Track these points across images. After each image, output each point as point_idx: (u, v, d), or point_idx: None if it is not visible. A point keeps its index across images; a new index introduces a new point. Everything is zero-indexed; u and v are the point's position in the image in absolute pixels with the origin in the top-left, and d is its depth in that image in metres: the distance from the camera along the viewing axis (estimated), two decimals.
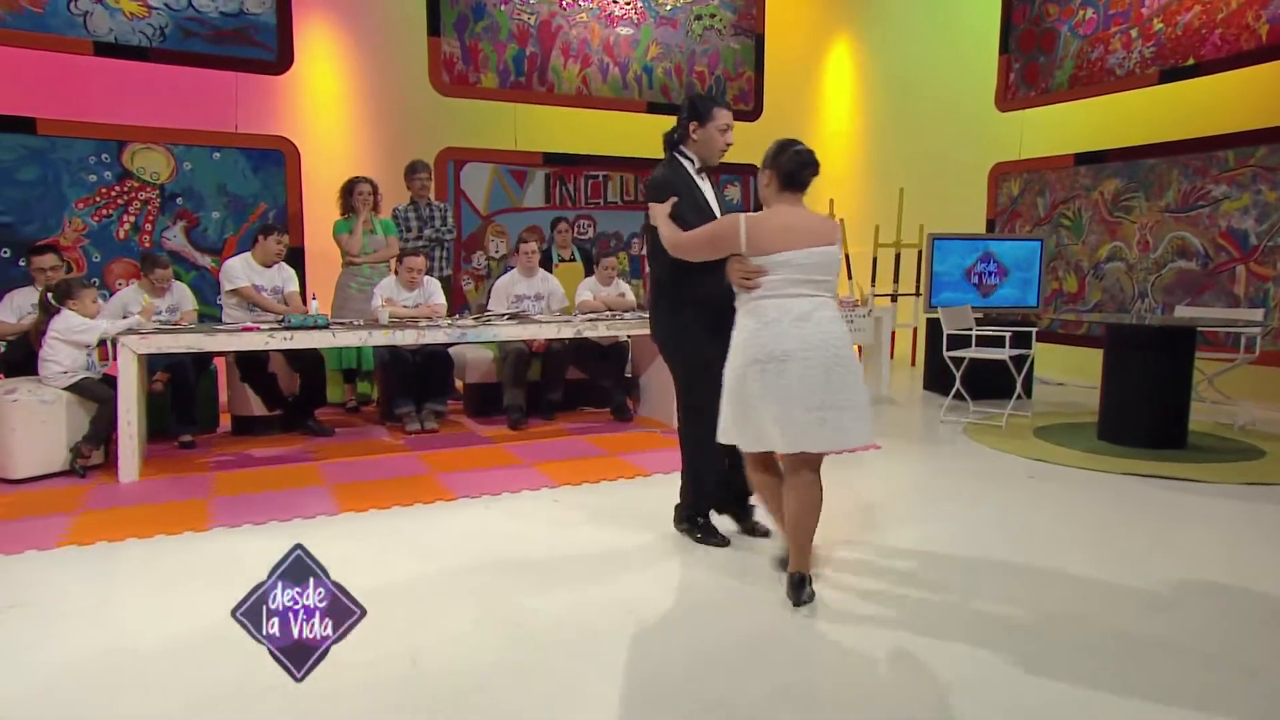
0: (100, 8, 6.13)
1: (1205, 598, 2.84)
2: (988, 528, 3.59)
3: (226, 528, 3.50)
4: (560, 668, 2.31)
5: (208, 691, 2.17)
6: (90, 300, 4.47)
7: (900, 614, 2.68)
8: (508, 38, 7.40)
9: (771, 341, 2.61)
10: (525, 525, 3.59)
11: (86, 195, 6.24)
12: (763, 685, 2.21)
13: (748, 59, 8.41)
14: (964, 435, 5.44)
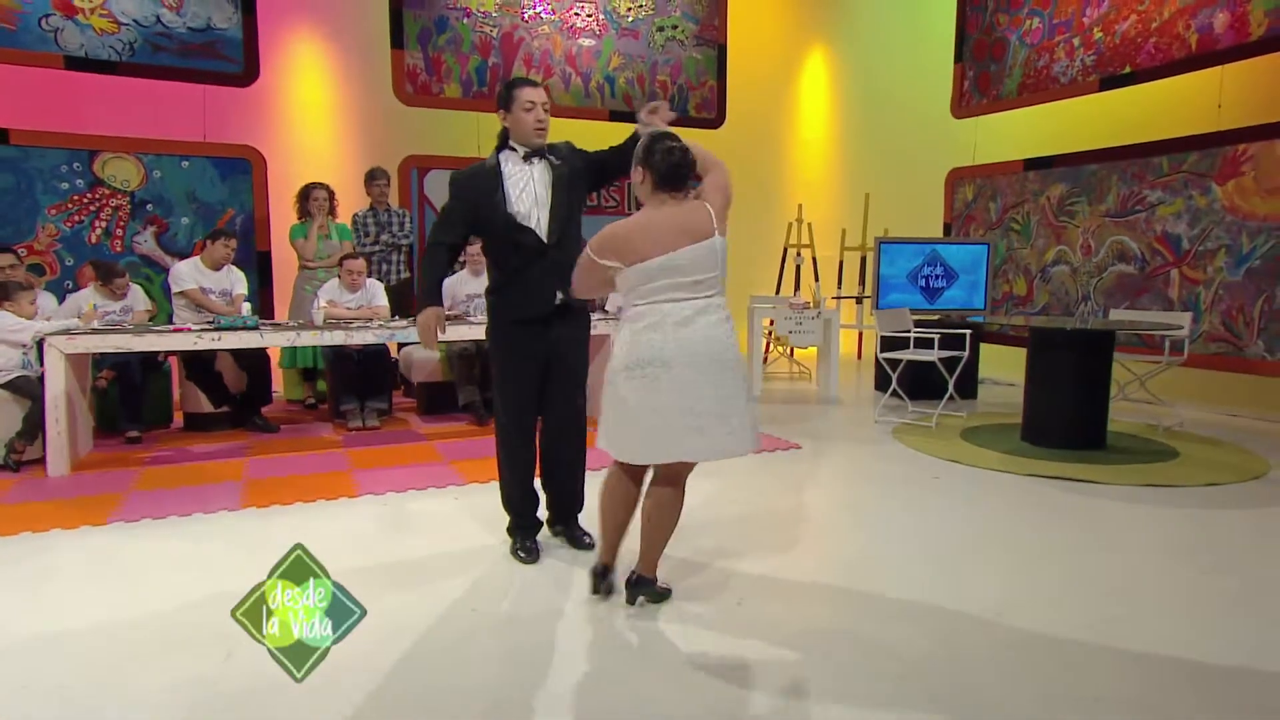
0: (71, 24, 6.14)
1: (1034, 608, 2.71)
2: (857, 529, 3.47)
3: (125, 522, 3.46)
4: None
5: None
6: (27, 302, 4.46)
7: (716, 620, 2.58)
8: (470, 49, 7.34)
9: (648, 348, 2.36)
10: (404, 525, 3.52)
11: (59, 202, 6.26)
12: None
13: (710, 68, 8.29)
14: (892, 436, 5.30)
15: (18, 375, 4.36)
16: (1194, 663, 2.28)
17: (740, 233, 8.94)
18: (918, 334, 5.68)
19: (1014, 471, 4.38)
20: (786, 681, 2.17)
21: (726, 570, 2.94)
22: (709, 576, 2.90)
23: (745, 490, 4.02)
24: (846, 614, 2.61)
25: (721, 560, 3.04)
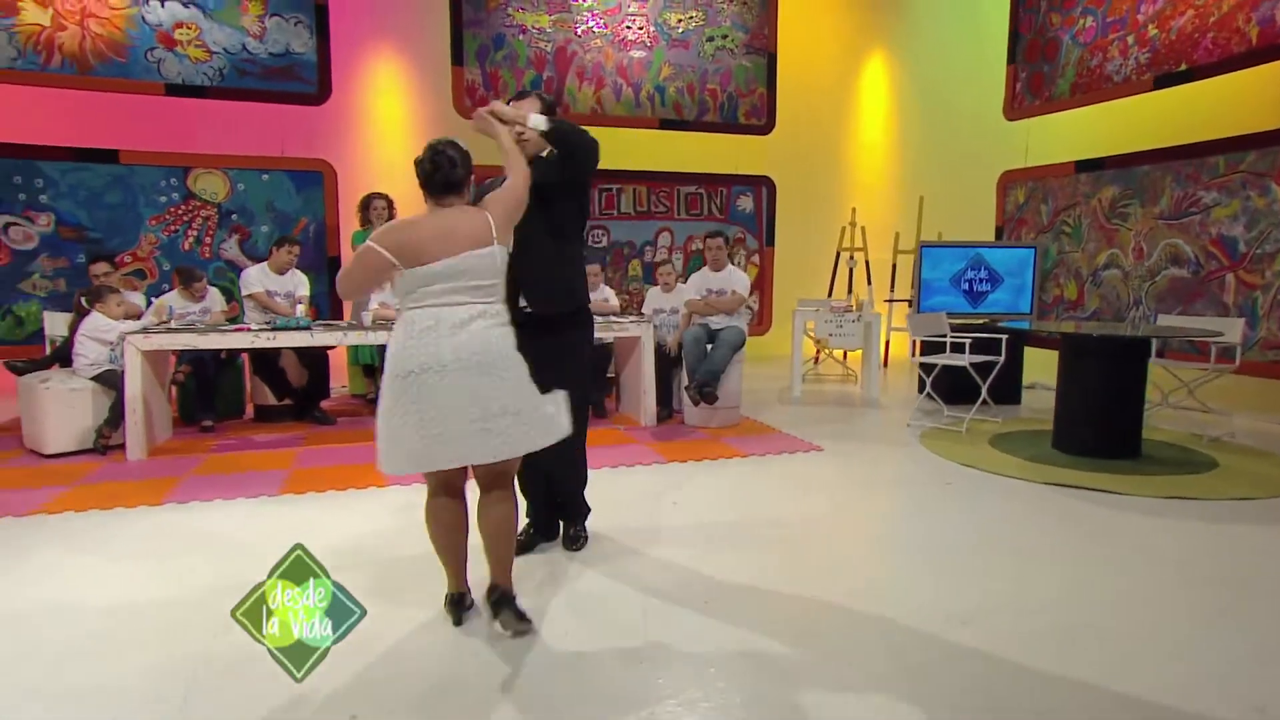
0: (170, 55, 6.61)
1: (1003, 617, 2.59)
2: (842, 532, 3.39)
3: (176, 504, 3.72)
4: None
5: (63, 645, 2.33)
6: (115, 304, 4.84)
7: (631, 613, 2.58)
8: (526, 64, 7.50)
9: (423, 352, 2.23)
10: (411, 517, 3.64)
11: (158, 214, 6.76)
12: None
13: (759, 76, 8.21)
14: (918, 440, 5.14)
15: (106, 369, 4.73)
16: (1142, 690, 2.14)
17: (792, 236, 8.91)
18: (950, 339, 5.49)
19: (1032, 479, 4.18)
20: (732, 681, 2.16)
21: (700, 571, 2.93)
22: (679, 575, 2.89)
23: (745, 492, 3.99)
24: (803, 617, 2.57)
25: (700, 560, 3.03)
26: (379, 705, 2.03)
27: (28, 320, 6.39)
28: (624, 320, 5.57)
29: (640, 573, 2.92)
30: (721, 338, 5.40)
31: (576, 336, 3.01)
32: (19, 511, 3.58)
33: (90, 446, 4.65)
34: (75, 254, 6.49)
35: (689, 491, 4.00)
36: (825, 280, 8.85)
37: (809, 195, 9.23)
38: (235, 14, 6.70)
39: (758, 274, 8.52)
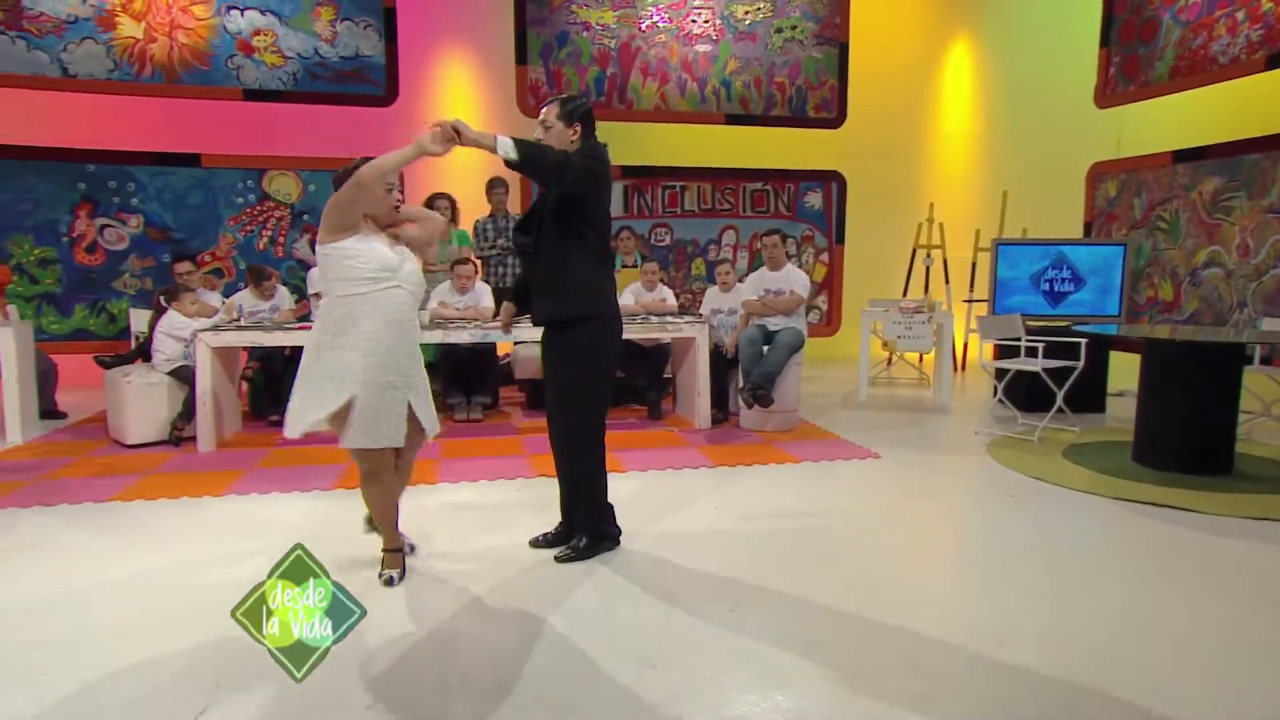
0: (249, 61, 7.03)
1: (1041, 641, 2.51)
2: (886, 543, 3.34)
3: (237, 494, 3.99)
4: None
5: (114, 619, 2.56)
6: (189, 302, 5.20)
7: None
8: (589, 61, 7.63)
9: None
10: (443, 514, 3.78)
11: (236, 214, 7.20)
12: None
13: (831, 67, 8.09)
14: (985, 448, 5.00)
15: (180, 365, 5.09)
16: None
17: (863, 234, 8.75)
18: (1024, 342, 5.31)
19: (1103, 494, 4.01)
20: (747, 690, 2.19)
21: (731, 578, 2.96)
22: (708, 583, 2.93)
23: (791, 499, 3.98)
24: (828, 629, 2.56)
25: (732, 567, 3.05)
26: (394, 699, 2.15)
27: (119, 317, 6.91)
28: (679, 321, 5.62)
29: (668, 577, 2.97)
30: (778, 339, 5.38)
31: (571, 344, 3.03)
32: (99, 498, 3.91)
33: (166, 438, 5.01)
34: (161, 253, 6.99)
35: (732, 496, 4.02)
36: (898, 279, 8.66)
37: (882, 190, 9.04)
38: (309, 20, 7.07)
39: (826, 273, 8.41)
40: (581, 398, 3.07)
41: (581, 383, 3.06)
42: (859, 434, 5.36)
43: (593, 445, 3.11)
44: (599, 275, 3.04)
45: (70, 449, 4.94)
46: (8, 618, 2.65)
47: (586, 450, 3.11)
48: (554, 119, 2.97)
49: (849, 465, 4.62)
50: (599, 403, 3.11)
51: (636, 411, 6.13)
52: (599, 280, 3.04)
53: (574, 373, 3.05)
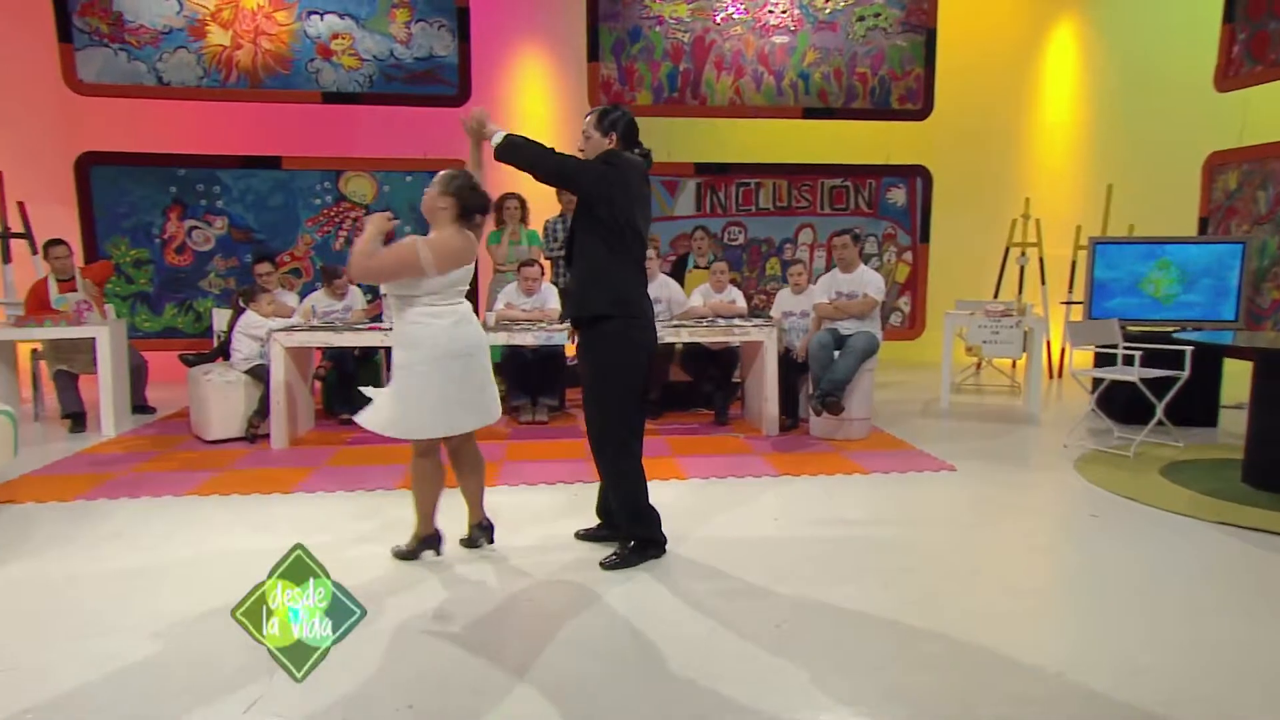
0: (327, 64, 7.38)
1: (1106, 672, 2.41)
2: (952, 564, 3.26)
3: (304, 492, 4.22)
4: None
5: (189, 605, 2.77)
6: (265, 303, 5.52)
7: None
8: (662, 56, 7.68)
9: (468, 339, 3.03)
10: (497, 515, 3.89)
11: (313, 215, 7.57)
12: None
13: (917, 56, 7.90)
14: (1073, 464, 4.80)
15: (257, 364, 5.41)
16: None
17: (950, 231, 8.49)
18: (1120, 349, 5.07)
19: (1203, 517, 3.81)
20: (783, 708, 2.20)
21: (781, 593, 2.95)
22: (758, 597, 2.93)
23: (856, 511, 3.93)
24: (878, 649, 2.53)
25: (785, 581, 3.04)
26: (431, 699, 2.25)
27: (204, 316, 7.37)
28: (746, 324, 5.61)
29: (717, 587, 2.99)
30: (850, 344, 5.31)
31: (590, 343, 3.16)
32: (178, 492, 4.21)
33: (243, 435, 5.33)
34: (243, 254, 7.42)
35: (795, 506, 4.00)
36: (988, 280, 8.37)
37: (972, 185, 8.77)
38: (384, 22, 7.36)
39: (909, 273, 8.21)
40: (600, 398, 3.17)
41: (600, 382, 3.16)
42: (936, 445, 5.23)
43: (616, 447, 3.17)
44: (618, 276, 3.09)
45: (156, 443, 5.31)
46: (86, 599, 2.90)
47: (609, 452, 3.19)
48: (592, 129, 3.14)
49: (921, 478, 4.52)
50: (620, 404, 3.13)
51: (703, 416, 6.15)
52: (617, 280, 3.09)
53: (593, 372, 3.16)
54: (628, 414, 3.16)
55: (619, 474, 3.21)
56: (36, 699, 2.24)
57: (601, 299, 3.10)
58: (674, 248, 7.85)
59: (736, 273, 7.87)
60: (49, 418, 6.02)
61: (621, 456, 3.19)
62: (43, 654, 2.51)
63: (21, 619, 2.82)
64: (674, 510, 3.91)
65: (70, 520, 3.78)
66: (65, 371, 5.79)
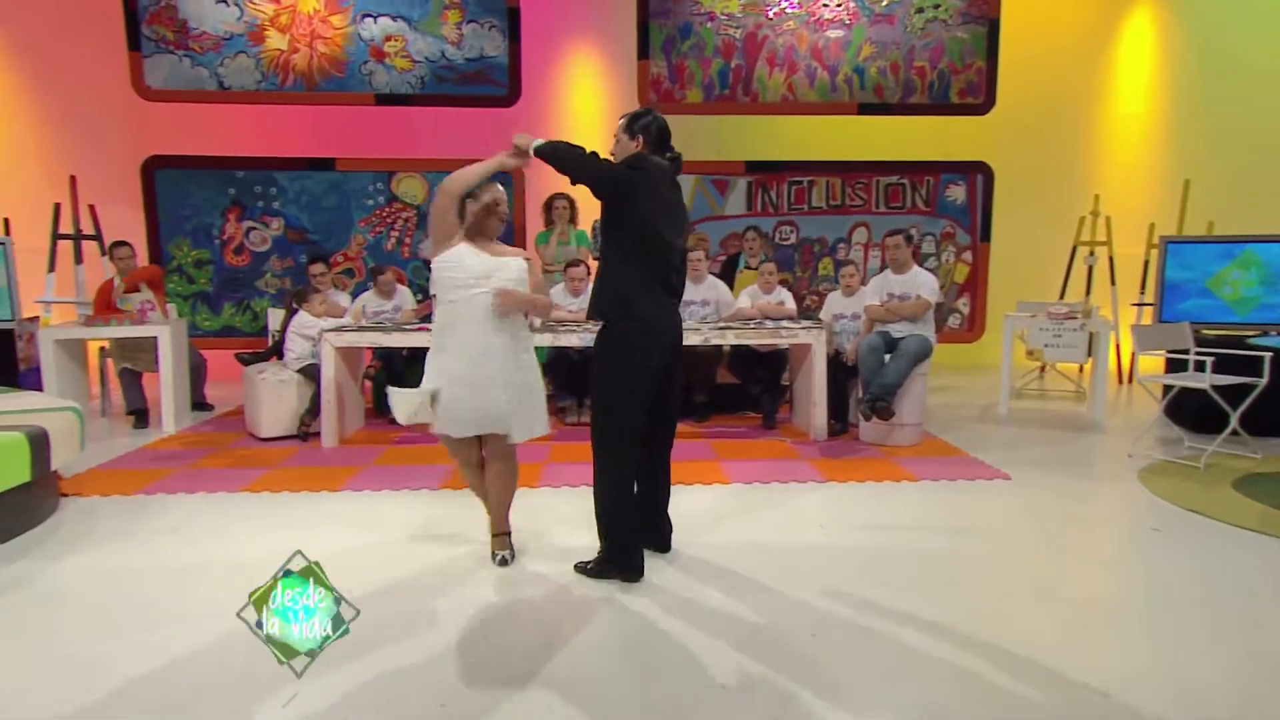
0: (380, 67, 7.56)
1: (1156, 692, 2.34)
2: (999, 577, 3.20)
3: (351, 491, 4.36)
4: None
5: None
6: (317, 303, 5.70)
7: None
8: (713, 53, 7.67)
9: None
10: (534, 515, 3.94)
11: (366, 216, 7.78)
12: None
13: (978, 48, 7.72)
14: (1136, 475, 4.66)
15: (308, 363, 5.60)
16: None
17: (1012, 229, 8.29)
18: (1191, 354, 4.90)
19: (1275, 534, 3.66)
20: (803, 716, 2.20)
21: (817, 603, 2.95)
22: (790, 606, 2.93)
23: (903, 519, 3.89)
24: (912, 662, 2.51)
25: (823, 590, 3.03)
26: (461, 702, 2.32)
27: (260, 315, 7.64)
28: (794, 326, 5.58)
29: (751, 596, 3.00)
30: (902, 347, 5.24)
31: (597, 345, 3.16)
32: (231, 488, 4.39)
33: (295, 433, 5.52)
34: (298, 254, 7.66)
35: (839, 514, 3.98)
36: (1052, 280, 8.14)
37: (1036, 182, 8.54)
38: (436, 23, 7.52)
39: (969, 273, 8.04)
40: (599, 399, 3.16)
41: (600, 384, 3.14)
42: (991, 452, 5.13)
43: (605, 457, 3.11)
44: (625, 279, 3.07)
45: (212, 440, 5.54)
46: (142, 592, 3.06)
47: (598, 460, 3.13)
48: (621, 133, 3.19)
49: (973, 486, 4.44)
50: (618, 409, 3.08)
51: (750, 419, 6.14)
52: (623, 284, 3.07)
53: (597, 374, 3.15)
54: (625, 421, 3.09)
55: (604, 477, 3.13)
56: (92, 688, 2.38)
57: (606, 302, 3.10)
58: (724, 247, 7.84)
59: (789, 273, 7.82)
60: (115, 414, 6.33)
61: (611, 462, 3.11)
62: (100, 644, 2.66)
63: (81, 609, 2.99)
64: (714, 514, 3.95)
65: (130, 514, 3.98)
66: (130, 369, 6.07)
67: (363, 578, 3.11)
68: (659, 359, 3.12)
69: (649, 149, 3.15)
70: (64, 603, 3.07)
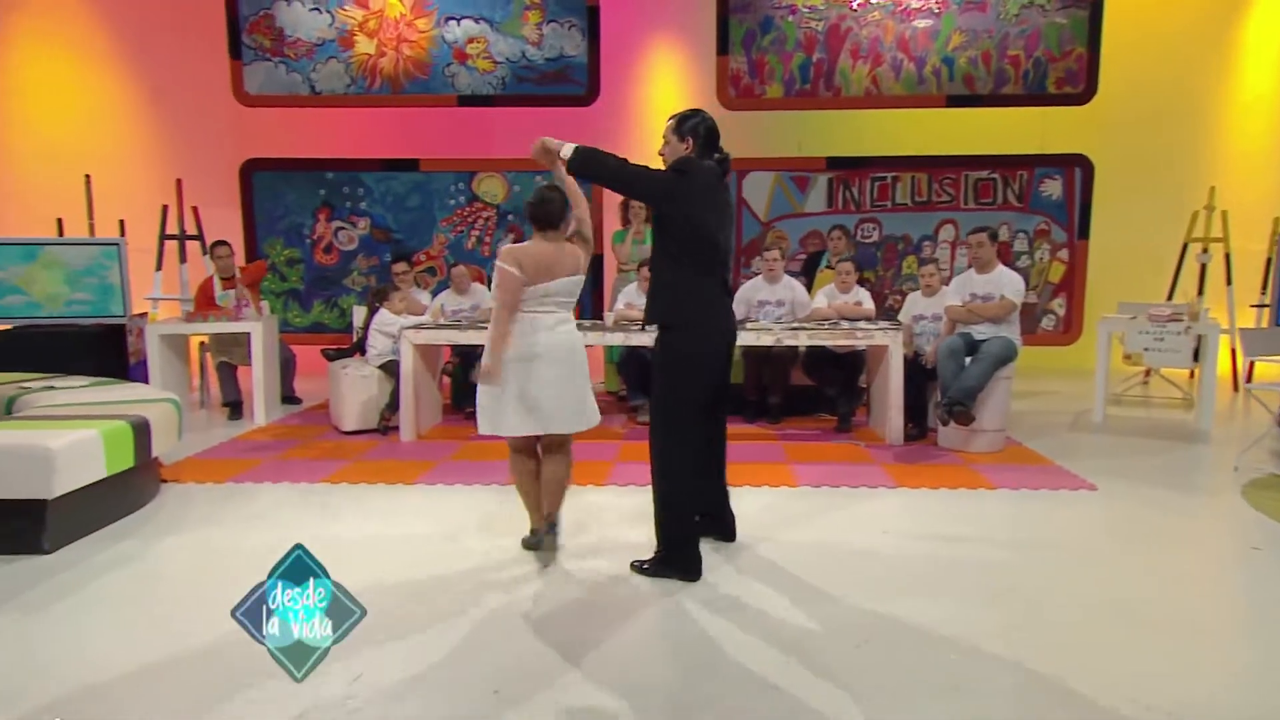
0: (463, 68, 7.86)
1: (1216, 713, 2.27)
2: (1072, 589, 3.13)
3: (425, 484, 4.59)
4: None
5: None
6: (397, 300, 6.00)
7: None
8: (794, 47, 7.66)
9: (530, 345, 3.24)
10: (599, 512, 4.05)
11: (448, 215, 8.10)
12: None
13: (1079, 34, 7.46)
14: (1240, 490, 4.46)
15: (389, 359, 5.89)
16: None
17: (1114, 226, 7.97)
18: None
19: None
20: None
21: (872, 609, 2.96)
22: (847, 608, 2.96)
23: (976, 528, 3.84)
24: (972, 675, 2.51)
25: (879, 596, 3.05)
26: (516, 684, 2.46)
27: (347, 312, 8.06)
28: (869, 327, 5.55)
29: (805, 599, 3.04)
30: (984, 349, 5.15)
31: (657, 350, 3.32)
32: (314, 479, 4.69)
33: (375, 427, 5.83)
34: (383, 253, 8.04)
35: (908, 520, 3.97)
36: (1158, 279, 7.78)
37: (1142, 174, 8.18)
38: (517, 24, 7.76)
39: (1065, 272, 7.77)
40: (658, 406, 3.29)
41: (664, 389, 3.25)
42: (1080, 461, 4.99)
43: (666, 460, 3.22)
44: (682, 284, 3.18)
45: (299, 433, 5.90)
46: (229, 572, 3.31)
47: (658, 462, 3.25)
48: (670, 134, 3.28)
49: (1056, 496, 4.34)
50: (675, 417, 3.19)
51: (825, 423, 6.13)
52: (681, 290, 3.19)
53: (662, 377, 3.26)
54: (684, 422, 3.18)
55: (663, 477, 3.24)
56: (186, 649, 2.65)
57: (660, 308, 3.25)
58: (803, 246, 7.82)
59: (870, 271, 7.73)
60: (212, 405, 6.80)
61: (670, 462, 3.21)
62: (193, 613, 2.92)
63: (179, 583, 3.29)
64: (777, 515, 4.01)
65: (222, 500, 4.32)
66: (226, 363, 6.52)
67: (425, 567, 3.32)
68: (716, 360, 3.23)
69: (698, 150, 3.23)
70: (164, 577, 3.38)
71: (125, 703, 2.40)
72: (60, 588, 3.19)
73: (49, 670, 2.57)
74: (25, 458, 3.39)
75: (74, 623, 2.91)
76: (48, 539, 3.46)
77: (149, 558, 3.54)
